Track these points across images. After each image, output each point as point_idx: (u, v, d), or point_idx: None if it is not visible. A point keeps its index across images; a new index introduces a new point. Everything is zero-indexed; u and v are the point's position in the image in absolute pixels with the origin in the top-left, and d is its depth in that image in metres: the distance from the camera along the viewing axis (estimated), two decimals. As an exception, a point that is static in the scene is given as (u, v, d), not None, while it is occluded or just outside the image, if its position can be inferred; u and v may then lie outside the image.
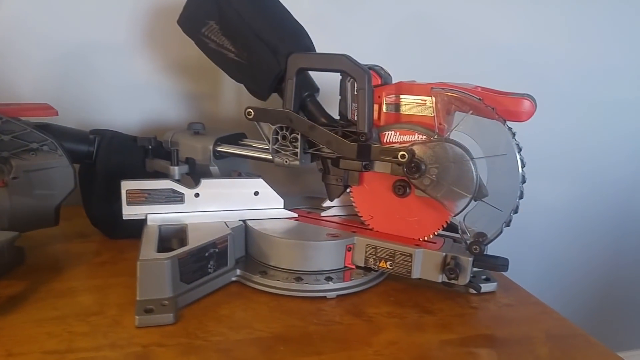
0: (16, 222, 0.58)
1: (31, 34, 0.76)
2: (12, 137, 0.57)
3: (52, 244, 0.64)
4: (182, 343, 0.45)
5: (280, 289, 0.54)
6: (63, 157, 0.60)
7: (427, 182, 0.54)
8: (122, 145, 0.64)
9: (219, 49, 0.58)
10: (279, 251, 0.56)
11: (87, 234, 0.67)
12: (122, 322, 0.47)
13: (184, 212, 0.58)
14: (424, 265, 0.56)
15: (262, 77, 0.58)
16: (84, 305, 0.50)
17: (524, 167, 0.53)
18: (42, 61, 0.77)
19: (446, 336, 0.50)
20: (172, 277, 0.49)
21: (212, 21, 0.57)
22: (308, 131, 0.56)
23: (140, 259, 0.49)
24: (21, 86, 0.77)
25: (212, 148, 0.63)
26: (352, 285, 0.56)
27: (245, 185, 0.59)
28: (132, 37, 0.80)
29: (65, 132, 0.62)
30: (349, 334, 0.49)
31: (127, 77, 0.80)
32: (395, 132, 0.56)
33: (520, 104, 0.54)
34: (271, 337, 0.47)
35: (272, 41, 0.56)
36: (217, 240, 0.54)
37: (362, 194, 0.60)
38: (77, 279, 0.56)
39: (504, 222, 0.54)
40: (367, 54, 0.62)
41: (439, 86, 0.54)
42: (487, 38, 1.00)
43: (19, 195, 0.58)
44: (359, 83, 0.53)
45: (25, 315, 0.47)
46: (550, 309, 0.57)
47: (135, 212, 0.57)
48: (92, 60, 0.79)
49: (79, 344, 0.43)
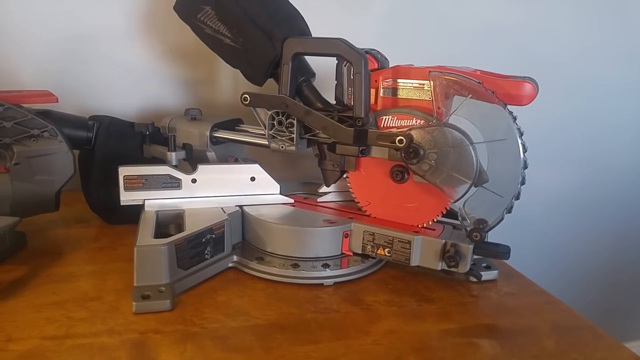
0: (18, 207, 0.58)
1: (30, 21, 0.76)
2: (13, 123, 0.58)
3: (52, 229, 0.65)
4: (179, 330, 0.45)
5: (276, 275, 0.54)
6: (63, 143, 0.60)
7: (426, 168, 0.53)
8: (120, 131, 0.65)
9: (214, 34, 0.58)
10: (275, 237, 0.56)
11: (87, 219, 0.68)
12: (119, 308, 0.48)
13: (181, 198, 0.58)
14: (423, 252, 0.55)
15: (258, 62, 0.57)
16: (82, 290, 0.51)
17: (526, 152, 0.52)
18: (41, 48, 0.77)
19: (446, 325, 0.49)
20: (169, 263, 0.49)
21: (208, 6, 0.57)
22: (304, 116, 0.55)
23: (138, 245, 0.49)
24: (21, 73, 0.77)
25: (209, 134, 0.63)
26: (350, 273, 0.56)
27: (242, 171, 0.59)
28: (130, 24, 0.79)
29: (65, 118, 0.62)
30: (346, 322, 0.49)
31: (125, 64, 0.80)
32: (392, 116, 0.55)
33: (522, 87, 0.52)
34: (268, 324, 0.47)
35: (268, 26, 0.55)
36: (214, 226, 0.54)
37: (359, 180, 0.59)
38: (76, 264, 0.56)
39: (505, 208, 0.53)
40: (362, 38, 0.61)
41: (438, 70, 0.53)
42: (485, 20, 0.98)
43: (20, 181, 0.58)
44: (355, 67, 0.52)
45: (25, 301, 0.48)
46: (556, 299, 0.56)
47: (133, 197, 0.57)
48: (91, 47, 0.79)
49: (77, 330, 0.44)
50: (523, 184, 0.53)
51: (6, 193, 0.57)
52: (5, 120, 0.57)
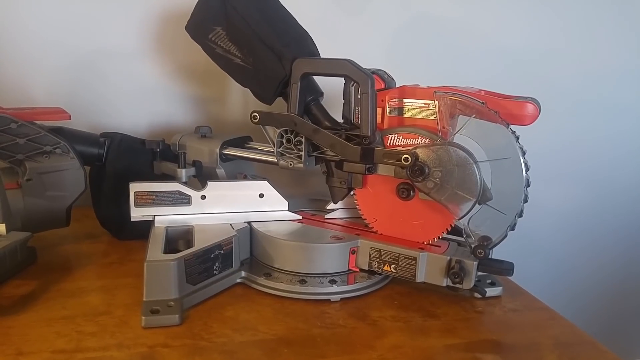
0: (29, 222, 0.60)
1: (44, 39, 0.78)
2: (26, 140, 0.59)
3: (63, 244, 0.66)
4: (187, 344, 0.46)
5: (284, 291, 0.55)
6: (75, 160, 0.62)
7: (431, 185, 0.54)
8: (130, 147, 0.66)
9: (225, 54, 0.60)
10: (283, 253, 0.57)
11: (97, 234, 0.69)
12: (129, 323, 0.49)
13: (190, 214, 0.59)
14: (428, 268, 0.56)
15: (268, 81, 0.59)
16: (92, 305, 0.52)
17: (528, 170, 0.53)
18: (55, 66, 0.80)
19: (451, 341, 0.50)
20: (178, 279, 0.50)
21: (219, 27, 0.59)
22: (312, 134, 0.57)
23: (147, 260, 0.50)
24: (35, 90, 0.79)
25: (219, 151, 0.64)
26: (356, 289, 0.57)
27: (251, 188, 0.61)
28: (142, 43, 0.82)
29: (76, 135, 0.64)
30: (352, 337, 0.50)
31: (137, 82, 0.82)
32: (398, 135, 0.57)
33: (524, 108, 0.54)
34: (275, 339, 0.48)
35: (277, 47, 0.57)
36: (223, 242, 0.55)
37: (366, 197, 0.61)
38: (86, 279, 0.57)
39: (509, 225, 0.54)
40: (370, 58, 0.63)
41: (442, 90, 0.55)
42: (491, 40, 1.01)
43: (32, 197, 0.60)
44: (362, 87, 0.53)
45: (36, 315, 0.49)
46: (558, 315, 0.57)
47: (143, 213, 0.58)
48: (103, 65, 0.81)
49: (87, 344, 0.45)
50: (526, 201, 0.54)
51: (18, 208, 0.58)
52: (19, 136, 0.59)
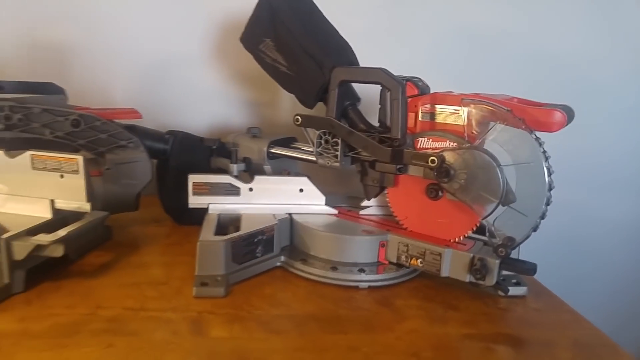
0: (107, 205, 0.72)
1: (123, 50, 0.93)
2: (107, 135, 0.72)
3: (133, 226, 0.79)
4: (229, 313, 0.56)
5: (317, 275, 0.64)
6: (144, 153, 0.74)
7: (456, 186, 0.61)
8: (191, 144, 0.78)
9: (273, 63, 0.70)
10: (318, 242, 0.66)
11: (161, 219, 0.82)
12: (183, 292, 0.59)
13: (239, 204, 0.70)
14: (453, 264, 0.62)
15: (309, 88, 0.68)
16: (155, 276, 0.63)
17: (551, 175, 0.58)
18: (131, 73, 0.95)
19: (467, 331, 0.56)
20: (225, 257, 0.60)
21: (268, 38, 0.69)
22: (347, 136, 0.65)
23: (200, 240, 0.60)
24: (114, 94, 0.95)
25: (266, 149, 0.75)
26: (384, 279, 0.64)
27: (292, 183, 0.70)
28: (204, 51, 0.95)
29: (146, 132, 0.77)
30: (374, 319, 0.57)
31: (199, 86, 0.96)
32: (428, 138, 0.64)
33: (551, 115, 0.59)
34: (304, 315, 0.57)
35: (319, 56, 0.66)
36: (265, 229, 0.65)
37: (397, 196, 0.68)
38: (151, 255, 0.69)
39: (532, 227, 0.60)
40: (414, 65, 0.70)
41: (470, 97, 0.61)
42: (534, 47, 1.04)
43: (110, 183, 0.72)
44: (393, 94, 0.61)
45: (111, 280, 0.61)
46: (582, 318, 0.60)
47: (199, 201, 0.69)
48: (171, 72, 0.95)
49: (149, 305, 0.56)
50: (548, 204, 0.59)
51: (99, 192, 0.71)
52: (102, 132, 0.72)
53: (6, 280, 0.55)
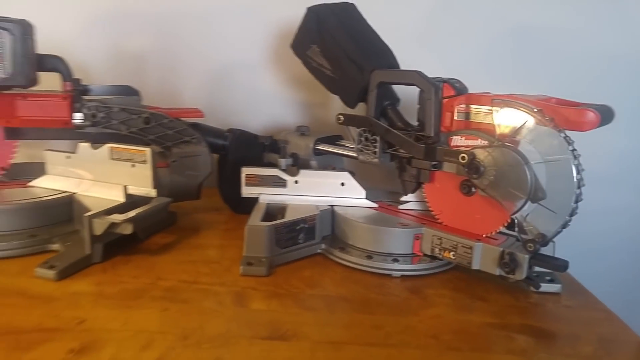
0: (172, 193, 0.82)
1: (191, 56, 1.06)
2: (174, 132, 0.83)
3: (195, 213, 0.90)
4: (269, 290, 0.63)
5: (353, 263, 0.70)
6: (206, 149, 0.84)
7: (486, 183, 0.64)
8: (247, 141, 0.87)
9: (319, 67, 0.77)
10: (356, 232, 0.72)
11: (220, 208, 0.92)
12: (231, 270, 0.68)
13: (286, 195, 0.78)
14: (483, 258, 0.65)
15: (350, 89, 0.74)
16: (209, 256, 0.73)
17: (580, 172, 0.60)
18: (197, 76, 1.06)
19: (491, 320, 0.59)
20: (269, 241, 0.68)
21: (315, 45, 0.76)
22: (384, 134, 0.71)
23: (248, 225, 0.69)
24: (183, 95, 1.07)
25: (313, 146, 0.82)
26: (416, 269, 0.69)
27: (334, 177, 0.77)
28: (262, 57, 1.05)
29: (208, 129, 0.87)
30: (401, 304, 0.62)
31: (258, 89, 1.06)
32: (461, 137, 0.68)
33: (582, 115, 0.61)
34: (337, 296, 0.63)
35: (359, 60, 0.72)
36: (307, 218, 0.72)
37: (433, 191, 0.72)
38: (208, 239, 0.79)
39: (561, 224, 0.62)
40: (466, 66, 0.75)
41: (501, 97, 0.64)
42: (586, 47, 1.03)
43: (175, 174, 0.83)
44: (426, 95, 0.66)
45: (170, 258, 0.71)
46: (616, 317, 0.62)
47: (251, 192, 0.78)
48: (233, 76, 1.06)
49: (201, 279, 0.65)
50: (578, 202, 0.60)
51: (166, 182, 0.82)
52: (169, 129, 0.82)
53: (87, 252, 0.66)
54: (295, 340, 0.53)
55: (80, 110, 0.77)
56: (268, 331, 0.54)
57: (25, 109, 0.76)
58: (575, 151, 0.60)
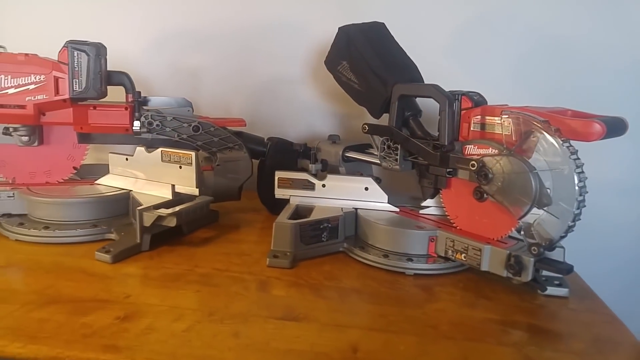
0: (216, 194, 0.94)
1: (241, 71, 1.19)
2: (219, 139, 0.94)
3: (236, 213, 1.01)
4: (290, 280, 0.72)
5: (370, 260, 0.77)
6: (246, 154, 0.95)
7: (494, 189, 0.70)
8: (283, 148, 0.97)
9: (348, 81, 0.85)
10: (375, 233, 0.79)
11: (258, 209, 1.02)
12: (259, 262, 0.77)
13: (314, 197, 0.87)
14: (491, 259, 0.71)
15: (375, 101, 0.82)
16: (242, 250, 0.83)
17: (582, 180, 0.64)
18: (244, 90, 1.19)
19: (491, 316, 0.65)
20: (294, 237, 0.77)
21: (344, 61, 0.85)
22: (404, 142, 0.78)
23: (276, 222, 0.78)
24: (232, 106, 1.21)
25: (341, 153, 0.90)
26: (428, 268, 0.75)
27: (358, 182, 0.85)
28: (303, 72, 1.16)
29: (250, 137, 0.98)
30: (408, 298, 0.69)
31: (298, 101, 1.17)
32: (474, 146, 0.73)
33: (588, 126, 0.65)
34: (350, 288, 0.71)
35: (383, 75, 0.80)
36: (331, 218, 0.80)
37: (449, 197, 0.78)
38: (245, 235, 0.90)
39: (564, 229, 0.66)
40: (496, 80, 0.82)
41: (510, 109, 0.69)
42: (618, 60, 1.06)
43: (219, 177, 0.94)
44: (441, 106, 0.72)
45: (208, 249, 0.82)
46: (618, 321, 0.65)
47: (283, 193, 0.88)
48: (277, 89, 1.18)
49: (232, 268, 0.75)
50: (580, 208, 0.64)
51: (210, 183, 0.93)
52: (215, 136, 0.94)
53: (137, 241, 0.78)
54: (305, 322, 0.61)
55: (139, 118, 0.90)
56: (283, 313, 0.63)
57: (95, 118, 0.90)
58: (577, 160, 0.64)
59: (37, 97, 0.85)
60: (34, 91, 0.84)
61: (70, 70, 0.84)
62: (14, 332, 0.56)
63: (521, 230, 0.69)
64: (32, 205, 0.86)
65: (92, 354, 0.53)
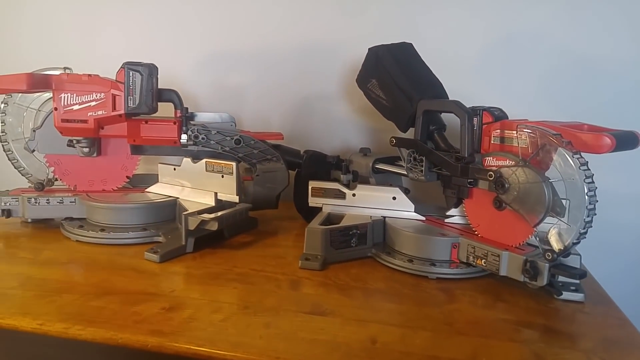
0: (255, 202, 1.05)
1: (280, 86, 1.32)
2: (259, 151, 1.06)
3: (274, 220, 1.12)
4: (320, 280, 0.82)
5: (396, 265, 0.85)
6: (283, 166, 1.06)
7: (511, 198, 0.77)
8: (317, 160, 1.08)
9: (377, 97, 0.95)
10: (401, 239, 0.88)
11: (294, 217, 1.13)
12: (292, 264, 0.87)
13: (345, 205, 0.96)
14: (509, 265, 0.78)
15: (402, 116, 0.91)
16: (277, 253, 0.93)
17: (592, 190, 0.70)
18: (285, 105, 1.32)
19: (505, 316, 0.72)
20: (325, 242, 0.87)
21: (374, 79, 0.95)
22: (428, 154, 0.87)
23: (308, 227, 0.88)
24: (272, 121, 1.34)
25: (372, 165, 1.00)
26: (451, 272, 0.83)
27: (386, 191, 0.94)
28: (338, 89, 1.28)
29: (287, 150, 1.09)
30: (428, 299, 0.77)
31: (333, 116, 1.29)
32: (493, 158, 0.81)
33: (598, 139, 0.72)
34: (374, 289, 0.80)
35: (409, 92, 0.89)
36: (359, 225, 0.89)
37: (471, 206, 0.86)
38: (281, 240, 1.01)
39: (576, 237, 0.72)
40: (524, 96, 0.93)
41: (525, 123, 0.77)
42: None
43: (258, 186, 1.06)
44: (461, 121, 0.81)
45: (247, 252, 0.93)
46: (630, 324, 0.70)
47: (316, 202, 0.98)
48: (314, 105, 1.30)
49: (267, 269, 0.85)
50: (590, 216, 0.71)
51: (250, 192, 1.05)
52: (255, 149, 1.05)
53: (182, 243, 0.90)
54: (330, 316, 0.70)
55: (186, 132, 1.03)
56: (310, 308, 0.72)
57: (146, 131, 1.04)
58: (587, 171, 0.71)
59: (98, 113, 0.99)
60: (94, 107, 0.99)
61: (126, 89, 0.98)
62: (75, 317, 0.68)
63: (537, 237, 0.76)
64: (90, 210, 1.00)
65: (141, 337, 0.64)
